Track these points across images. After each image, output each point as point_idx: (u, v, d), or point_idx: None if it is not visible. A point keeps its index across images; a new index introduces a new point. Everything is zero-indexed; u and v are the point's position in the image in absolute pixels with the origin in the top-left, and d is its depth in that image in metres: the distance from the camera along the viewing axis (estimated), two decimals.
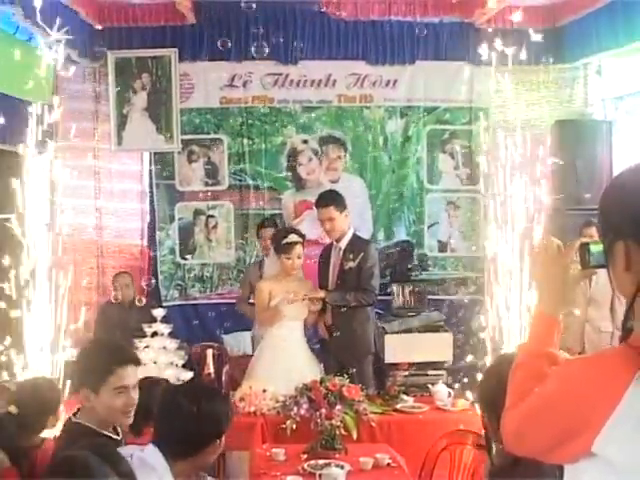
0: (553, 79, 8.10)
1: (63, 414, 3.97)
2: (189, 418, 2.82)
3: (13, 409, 3.78)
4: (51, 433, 3.95)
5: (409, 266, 7.83)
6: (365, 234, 7.81)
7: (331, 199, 6.23)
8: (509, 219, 8.03)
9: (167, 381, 4.35)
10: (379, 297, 7.34)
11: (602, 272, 1.95)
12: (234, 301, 8.02)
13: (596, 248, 1.97)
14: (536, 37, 7.86)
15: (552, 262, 2.10)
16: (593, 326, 6.41)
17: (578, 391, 1.75)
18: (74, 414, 3.31)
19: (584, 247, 2.02)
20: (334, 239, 6.30)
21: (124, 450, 2.77)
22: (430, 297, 7.73)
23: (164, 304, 7.66)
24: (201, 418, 2.83)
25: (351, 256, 6.12)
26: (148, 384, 3.41)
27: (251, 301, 6.86)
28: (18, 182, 5.57)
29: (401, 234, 8.35)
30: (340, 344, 6.06)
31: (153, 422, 3.01)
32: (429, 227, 8.40)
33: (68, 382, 5.02)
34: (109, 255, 8.28)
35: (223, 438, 2.95)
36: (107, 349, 3.43)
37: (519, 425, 1.91)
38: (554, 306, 2.09)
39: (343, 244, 6.22)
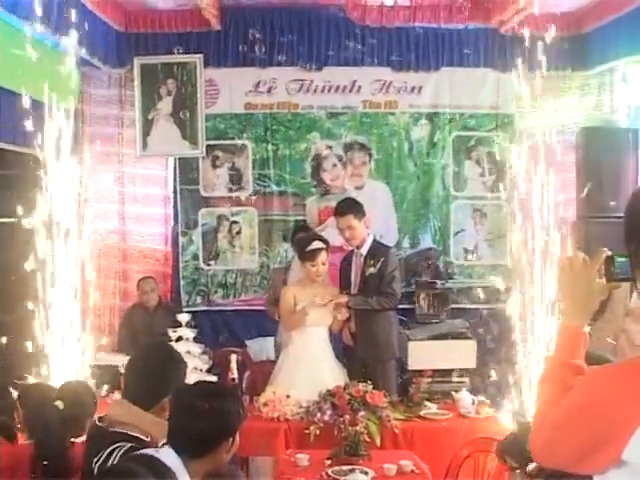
0: (579, 85, 8.10)
1: None
2: (201, 417, 2.86)
3: (60, 404, 3.88)
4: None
5: (435, 274, 7.83)
6: (390, 241, 7.84)
7: (349, 208, 6.26)
8: (534, 227, 8.08)
9: None
10: (404, 305, 7.38)
11: None
12: (258, 308, 8.06)
13: (621, 260, 1.99)
14: (561, 43, 7.89)
15: (577, 275, 2.11)
16: (628, 338, 6.36)
17: (605, 399, 1.76)
18: (99, 419, 3.36)
19: (609, 259, 2.04)
20: (354, 246, 6.34)
21: (140, 452, 2.83)
22: (456, 305, 7.74)
23: (185, 309, 7.68)
24: (213, 416, 2.88)
25: (372, 262, 6.15)
26: None
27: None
28: (43, 187, 5.63)
29: (427, 241, 8.34)
30: (363, 349, 6.09)
31: None
32: (455, 234, 8.39)
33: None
34: (132, 260, 8.34)
35: (237, 436, 3.00)
36: (181, 359, 3.51)
37: (547, 440, 1.92)
38: (579, 318, 2.11)
39: (364, 250, 6.26)
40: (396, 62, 8.17)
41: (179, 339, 5.87)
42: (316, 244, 5.90)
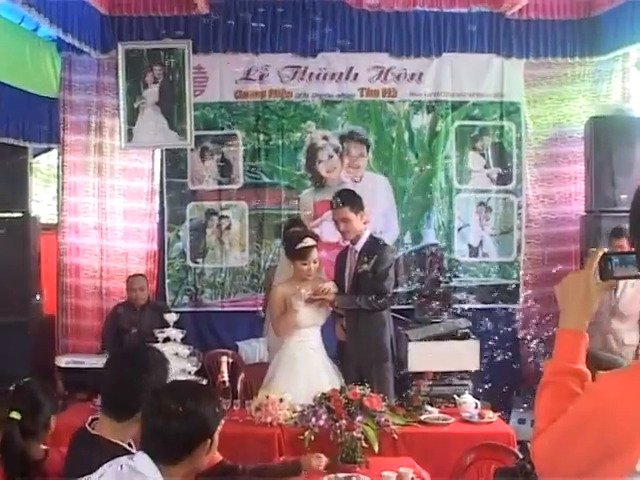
0: (589, 72, 8.14)
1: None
2: (174, 419, 2.83)
3: (16, 415, 3.76)
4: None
5: (437, 271, 7.83)
6: (391, 237, 7.92)
7: (346, 199, 6.26)
8: (541, 221, 8.14)
9: None
10: (404, 304, 7.42)
11: (628, 284, 2.02)
12: (248, 309, 8.09)
13: (619, 259, 2.05)
14: (570, 28, 7.92)
15: (574, 276, 2.14)
16: (616, 338, 6.52)
17: (617, 406, 1.78)
18: (89, 424, 3.37)
19: (605, 258, 2.08)
20: (349, 240, 6.37)
21: (114, 461, 2.84)
22: (460, 305, 7.77)
23: (171, 310, 7.67)
24: (187, 418, 2.85)
25: (365, 259, 6.14)
26: None
27: None
28: (23, 179, 5.66)
29: (429, 237, 8.34)
30: (356, 351, 6.12)
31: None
32: (459, 230, 8.40)
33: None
34: (115, 258, 8.35)
35: (216, 437, 2.98)
36: (158, 363, 3.50)
37: (552, 448, 1.92)
38: (579, 321, 2.12)
39: (359, 246, 6.26)
40: (395, 48, 8.20)
41: (166, 340, 5.90)
42: (307, 241, 5.84)
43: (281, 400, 5.29)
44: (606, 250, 2.11)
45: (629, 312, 6.51)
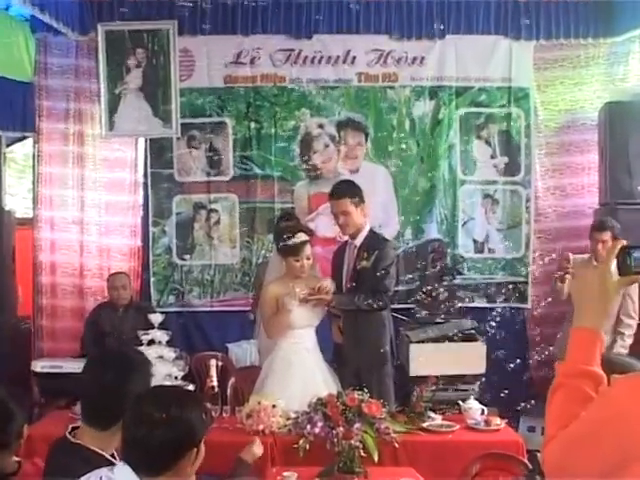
0: (603, 54, 8.10)
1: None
2: (158, 427, 2.80)
3: None
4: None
5: (440, 268, 7.80)
6: (391, 232, 7.91)
7: (346, 190, 6.23)
8: (552, 215, 8.11)
9: None
10: (405, 303, 7.38)
11: None
12: (239, 309, 8.06)
13: (639, 252, 2.02)
14: (583, 6, 7.87)
15: (590, 271, 2.11)
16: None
17: (633, 411, 1.77)
18: (69, 432, 3.33)
19: (624, 251, 2.05)
20: (348, 235, 6.33)
21: (93, 473, 2.81)
22: (465, 304, 7.74)
23: (155, 310, 7.64)
24: (171, 426, 2.81)
25: (365, 255, 6.11)
26: None
27: None
28: None
29: (432, 232, 8.33)
30: (353, 353, 6.09)
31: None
32: (463, 224, 8.39)
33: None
34: (95, 254, 8.30)
35: (202, 447, 2.93)
36: (140, 366, 3.47)
37: (564, 456, 1.91)
38: (595, 319, 2.09)
39: (358, 241, 6.23)
40: (395, 29, 8.17)
41: (151, 342, 5.85)
42: (300, 236, 5.81)
43: (274, 406, 5.27)
44: (624, 242, 2.07)
45: (612, 311, 6.50)
